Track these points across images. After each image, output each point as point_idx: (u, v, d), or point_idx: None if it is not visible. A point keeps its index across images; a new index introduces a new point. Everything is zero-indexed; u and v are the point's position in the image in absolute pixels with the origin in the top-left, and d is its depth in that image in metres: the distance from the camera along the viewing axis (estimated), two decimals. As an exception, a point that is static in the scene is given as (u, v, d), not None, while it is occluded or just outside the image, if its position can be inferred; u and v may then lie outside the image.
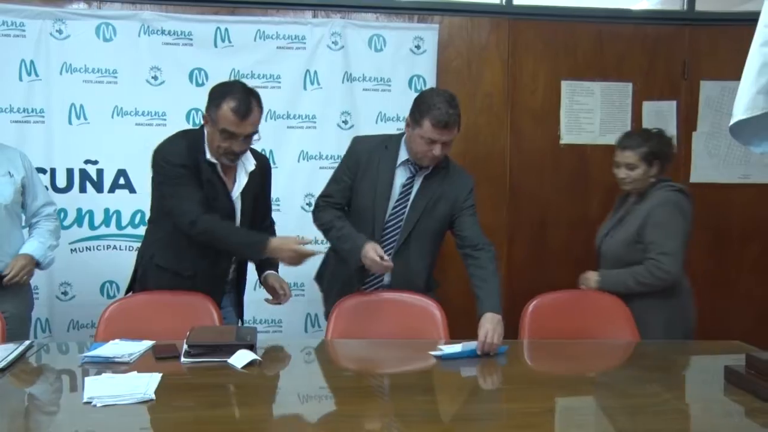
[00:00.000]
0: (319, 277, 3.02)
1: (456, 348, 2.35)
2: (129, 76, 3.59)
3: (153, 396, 1.83)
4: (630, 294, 2.78)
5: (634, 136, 2.95)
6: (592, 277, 2.89)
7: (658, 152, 2.88)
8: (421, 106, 2.60)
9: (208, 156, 2.59)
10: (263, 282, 2.86)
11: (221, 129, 2.51)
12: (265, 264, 2.83)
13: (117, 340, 2.32)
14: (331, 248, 2.88)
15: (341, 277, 2.83)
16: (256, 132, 2.58)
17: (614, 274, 2.84)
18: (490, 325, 2.37)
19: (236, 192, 2.67)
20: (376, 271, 2.64)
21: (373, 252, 2.52)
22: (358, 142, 2.86)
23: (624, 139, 2.94)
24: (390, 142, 2.77)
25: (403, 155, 2.72)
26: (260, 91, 3.62)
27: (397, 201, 2.73)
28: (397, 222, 2.73)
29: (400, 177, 2.73)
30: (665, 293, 2.81)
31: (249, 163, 2.70)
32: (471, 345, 2.35)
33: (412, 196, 2.72)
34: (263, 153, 2.98)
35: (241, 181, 2.68)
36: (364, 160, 2.74)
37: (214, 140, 2.55)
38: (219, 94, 2.54)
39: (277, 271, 2.85)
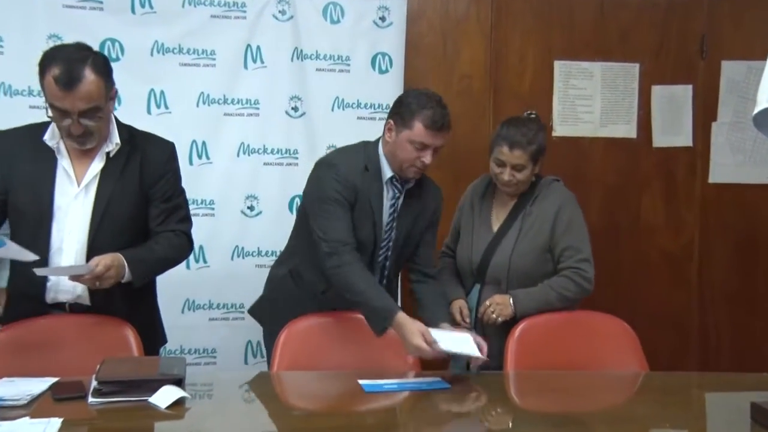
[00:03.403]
0: (263, 307, 3.00)
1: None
2: (19, 46, 3.48)
3: (51, 447, 1.79)
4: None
5: (521, 129, 2.82)
6: (506, 302, 2.79)
7: (544, 147, 2.87)
8: (408, 106, 2.69)
9: (46, 137, 2.50)
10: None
11: (49, 104, 2.41)
12: None
13: (4, 380, 2.26)
14: (288, 269, 2.89)
15: (302, 301, 2.83)
16: (99, 109, 2.42)
17: (531, 294, 2.79)
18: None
19: (84, 181, 2.53)
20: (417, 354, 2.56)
21: (420, 338, 2.46)
22: (336, 172, 2.72)
23: (509, 133, 2.82)
24: (369, 160, 2.78)
25: (386, 172, 2.78)
26: (190, 70, 3.68)
27: (386, 226, 2.82)
28: (385, 248, 2.85)
29: (387, 199, 2.81)
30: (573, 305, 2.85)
31: (110, 143, 2.55)
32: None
33: (396, 217, 2.82)
34: (169, 141, 2.73)
35: (94, 167, 2.54)
36: (353, 195, 2.72)
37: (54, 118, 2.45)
38: (46, 59, 2.41)
39: None
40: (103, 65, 2.45)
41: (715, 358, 4.21)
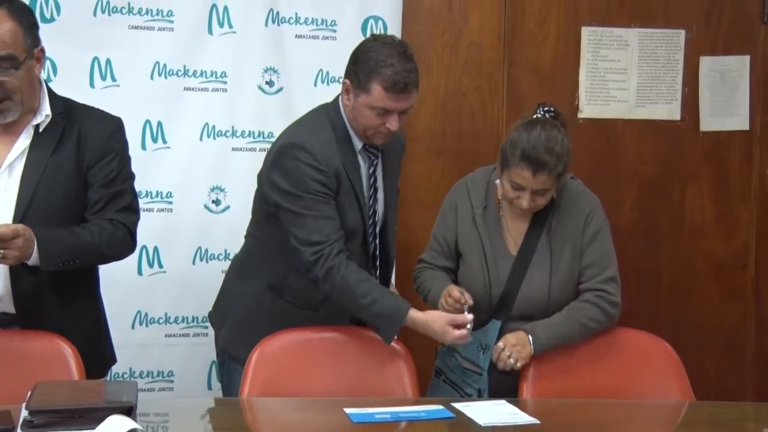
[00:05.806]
0: (222, 310, 3.02)
1: None
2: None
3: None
4: None
5: (546, 142, 2.63)
6: (523, 341, 2.68)
7: (570, 158, 2.74)
8: (365, 65, 2.68)
9: None
10: None
11: None
12: None
13: None
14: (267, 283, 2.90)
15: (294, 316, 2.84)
16: (13, 59, 2.42)
17: (551, 328, 2.72)
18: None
19: (7, 160, 2.53)
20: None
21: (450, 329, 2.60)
22: (313, 157, 2.73)
23: (533, 151, 2.61)
24: (336, 131, 2.79)
25: (356, 142, 2.81)
26: (143, 35, 3.66)
27: (369, 204, 2.85)
28: (372, 227, 2.90)
29: (364, 172, 2.85)
30: None
31: (39, 114, 2.56)
32: None
33: (379, 190, 2.88)
34: (114, 116, 2.76)
35: (20, 144, 2.54)
36: (335, 182, 2.74)
37: None
38: None
39: None
40: (23, 13, 2.48)
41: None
